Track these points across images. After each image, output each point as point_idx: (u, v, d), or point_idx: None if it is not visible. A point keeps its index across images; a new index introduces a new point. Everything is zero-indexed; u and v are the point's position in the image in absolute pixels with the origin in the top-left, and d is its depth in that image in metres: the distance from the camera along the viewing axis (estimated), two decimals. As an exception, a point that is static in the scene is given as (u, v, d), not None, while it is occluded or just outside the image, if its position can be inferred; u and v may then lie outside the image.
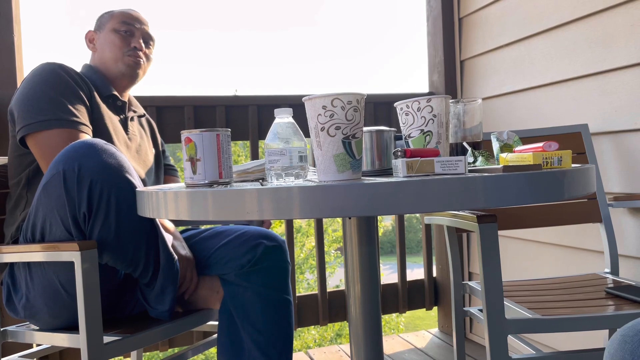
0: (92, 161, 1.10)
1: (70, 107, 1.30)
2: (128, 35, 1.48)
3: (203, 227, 1.56)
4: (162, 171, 1.64)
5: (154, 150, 1.60)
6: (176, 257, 1.24)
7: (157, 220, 1.20)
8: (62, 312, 1.22)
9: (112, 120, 1.43)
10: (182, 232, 1.50)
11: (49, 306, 1.22)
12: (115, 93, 1.48)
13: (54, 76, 1.32)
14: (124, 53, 1.47)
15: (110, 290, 1.26)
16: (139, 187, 1.15)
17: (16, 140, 1.32)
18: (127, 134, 1.47)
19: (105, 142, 1.16)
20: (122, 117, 1.49)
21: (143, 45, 1.51)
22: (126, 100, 1.53)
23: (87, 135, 1.31)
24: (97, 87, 1.45)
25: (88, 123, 1.33)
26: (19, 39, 1.87)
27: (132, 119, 1.53)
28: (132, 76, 1.49)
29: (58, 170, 1.11)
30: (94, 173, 1.10)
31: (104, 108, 1.41)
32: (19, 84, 1.85)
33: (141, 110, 1.61)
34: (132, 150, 1.47)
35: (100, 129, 1.37)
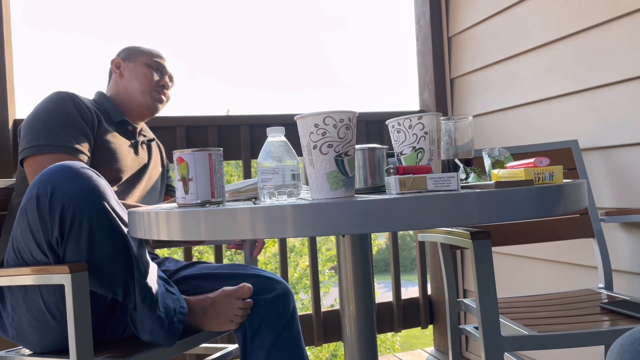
0: (65, 185, 1.10)
1: (67, 135, 1.35)
2: (159, 72, 1.59)
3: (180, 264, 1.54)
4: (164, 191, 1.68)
5: (160, 170, 1.65)
6: (153, 286, 1.20)
7: (134, 249, 1.15)
8: (49, 334, 1.20)
9: (121, 143, 1.48)
10: (178, 277, 1.47)
11: (34, 327, 1.20)
12: (127, 119, 1.55)
13: (59, 105, 1.38)
14: (153, 87, 1.56)
15: (99, 313, 1.24)
16: (120, 212, 1.15)
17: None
18: (137, 157, 1.53)
19: (84, 165, 1.16)
20: (132, 141, 1.55)
21: (169, 84, 1.63)
22: (137, 126, 1.59)
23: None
24: (108, 113, 1.52)
25: (85, 151, 1.38)
26: (10, 61, 1.87)
27: (142, 143, 1.59)
28: (153, 110, 1.59)
29: (32, 194, 1.12)
30: (66, 197, 1.09)
31: (112, 133, 1.48)
32: (9, 107, 1.85)
33: (151, 135, 1.68)
34: (140, 172, 1.52)
35: (107, 152, 1.43)
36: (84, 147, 1.37)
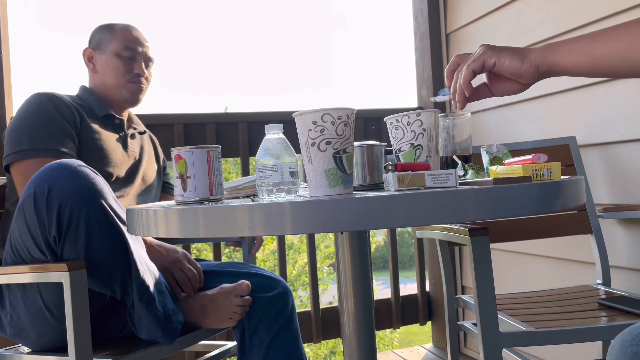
0: (62, 183, 1.10)
1: (50, 137, 1.32)
2: (131, 61, 1.50)
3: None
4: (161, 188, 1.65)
5: (155, 166, 1.61)
6: (151, 285, 1.19)
7: (131, 247, 1.16)
8: (47, 332, 1.20)
9: (108, 139, 1.45)
10: None
11: (33, 324, 1.20)
12: (112, 112, 1.50)
13: (39, 108, 1.35)
14: (127, 80, 1.49)
15: (98, 311, 1.24)
16: (117, 210, 1.15)
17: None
18: (126, 151, 1.49)
19: (81, 163, 1.15)
20: (121, 134, 1.50)
21: (145, 70, 1.53)
22: (124, 118, 1.55)
23: None
24: (92, 108, 1.47)
25: (71, 152, 1.35)
26: (7, 59, 1.86)
27: (132, 136, 1.55)
28: (133, 101, 1.53)
29: (30, 193, 1.12)
30: (64, 196, 1.09)
31: (98, 128, 1.43)
32: (7, 104, 1.85)
33: (142, 127, 1.63)
34: (133, 167, 1.49)
35: (93, 149, 1.39)
36: (69, 148, 1.34)
